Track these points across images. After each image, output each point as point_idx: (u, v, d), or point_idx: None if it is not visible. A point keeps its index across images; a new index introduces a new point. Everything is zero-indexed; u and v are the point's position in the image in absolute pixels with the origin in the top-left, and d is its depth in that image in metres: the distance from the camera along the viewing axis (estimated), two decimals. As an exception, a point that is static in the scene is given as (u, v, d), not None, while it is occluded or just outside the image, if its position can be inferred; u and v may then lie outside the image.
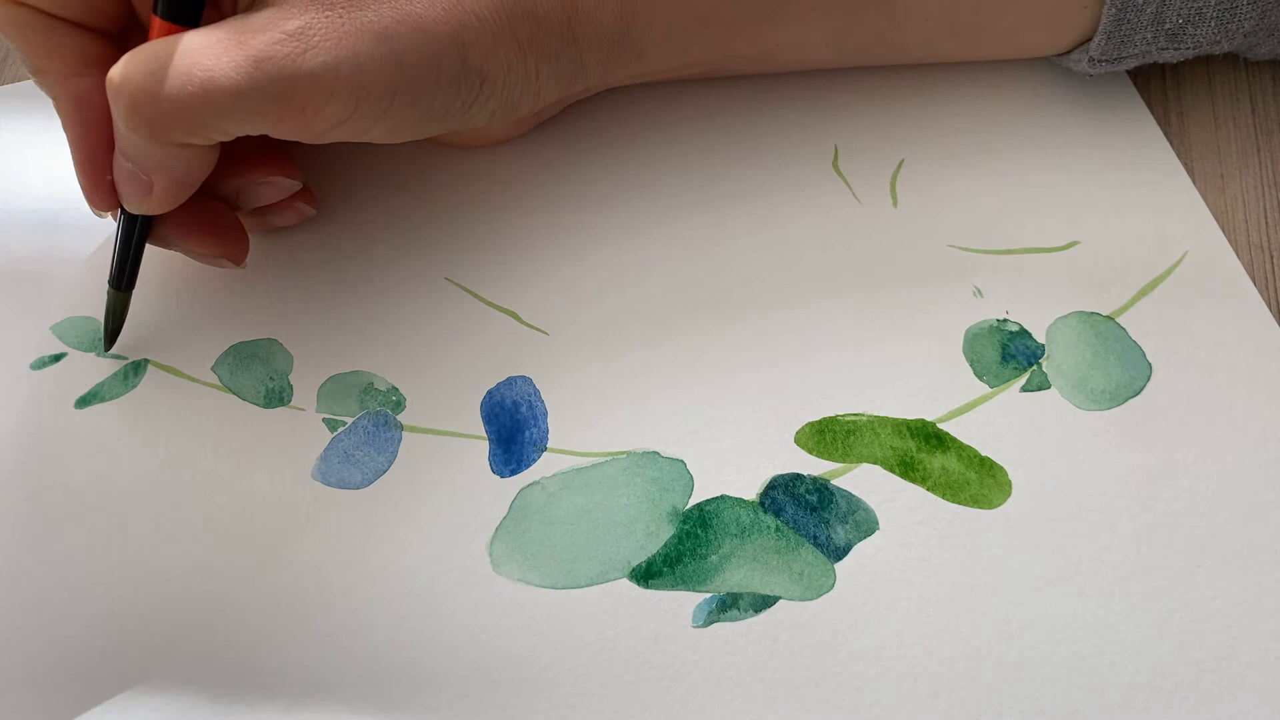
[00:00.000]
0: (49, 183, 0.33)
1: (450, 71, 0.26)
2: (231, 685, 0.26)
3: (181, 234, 0.28)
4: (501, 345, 0.30)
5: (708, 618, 0.26)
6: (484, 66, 0.27)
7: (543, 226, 0.32)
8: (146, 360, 0.30)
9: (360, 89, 0.25)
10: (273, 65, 0.24)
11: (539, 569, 0.27)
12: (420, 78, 0.26)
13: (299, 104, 0.25)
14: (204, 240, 0.29)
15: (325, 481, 0.28)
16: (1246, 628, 0.25)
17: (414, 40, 0.25)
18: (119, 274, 0.29)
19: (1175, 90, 0.33)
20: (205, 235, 0.29)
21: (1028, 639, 0.25)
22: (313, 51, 0.25)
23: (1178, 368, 0.28)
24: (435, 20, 0.26)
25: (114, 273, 0.29)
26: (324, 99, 0.25)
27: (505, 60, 0.27)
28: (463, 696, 0.25)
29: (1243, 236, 0.31)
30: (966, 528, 0.27)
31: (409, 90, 0.26)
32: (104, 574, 0.27)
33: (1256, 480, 0.27)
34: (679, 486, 0.27)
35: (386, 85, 0.26)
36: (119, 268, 0.29)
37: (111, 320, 0.30)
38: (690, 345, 0.29)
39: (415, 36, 0.25)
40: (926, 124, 0.33)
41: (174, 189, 0.27)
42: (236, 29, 0.25)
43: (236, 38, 0.24)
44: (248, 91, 0.24)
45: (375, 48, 0.25)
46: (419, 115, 0.27)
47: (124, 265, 0.29)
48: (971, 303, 0.30)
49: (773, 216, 0.31)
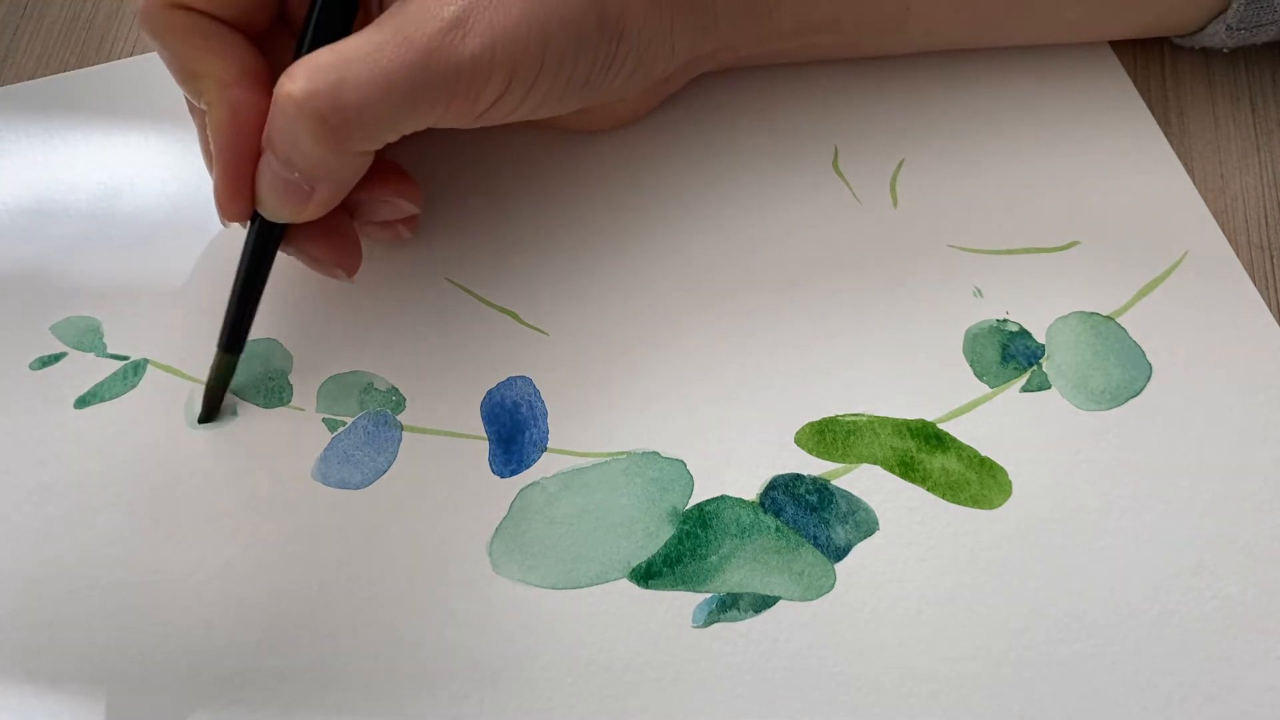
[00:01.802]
0: (49, 183, 0.33)
1: (589, 32, 0.26)
2: (231, 685, 0.26)
3: (314, 240, 0.28)
4: (501, 345, 0.30)
5: (708, 618, 0.26)
6: (620, 21, 0.27)
7: (542, 227, 0.32)
8: (146, 360, 0.30)
9: (512, 63, 0.25)
10: (441, 57, 0.25)
11: (539, 569, 0.27)
12: (563, 43, 0.26)
13: (464, 90, 0.25)
14: (329, 249, 0.28)
15: (325, 481, 0.28)
16: (1246, 628, 0.25)
17: (556, 7, 0.26)
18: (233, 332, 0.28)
19: (1175, 90, 0.33)
20: (332, 243, 0.28)
21: (1028, 639, 0.25)
22: (472, 35, 0.25)
23: (1178, 368, 0.28)
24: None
25: (227, 330, 0.28)
26: (485, 80, 0.25)
27: (641, 16, 0.27)
28: (463, 697, 0.25)
29: (1243, 236, 0.31)
30: (966, 528, 0.27)
31: (554, 58, 0.26)
32: (104, 574, 0.27)
33: (1256, 480, 0.27)
34: (679, 486, 0.27)
35: (535, 56, 0.26)
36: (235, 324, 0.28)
37: (214, 390, 0.29)
38: (690, 345, 0.29)
39: (557, 3, 0.26)
40: (926, 124, 0.33)
41: (334, 196, 0.27)
42: (399, 26, 0.25)
43: (403, 35, 0.24)
44: (422, 88, 0.25)
45: (524, 20, 0.25)
46: (563, 84, 0.27)
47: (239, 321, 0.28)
48: (971, 303, 0.30)
49: (773, 217, 0.31)
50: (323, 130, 0.24)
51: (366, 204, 0.29)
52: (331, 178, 0.26)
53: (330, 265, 0.29)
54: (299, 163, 0.25)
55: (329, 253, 0.28)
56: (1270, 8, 0.30)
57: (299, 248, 0.28)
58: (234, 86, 0.26)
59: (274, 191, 0.26)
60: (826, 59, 0.33)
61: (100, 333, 0.31)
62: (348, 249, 0.29)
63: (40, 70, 0.36)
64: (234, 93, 0.26)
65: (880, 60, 0.33)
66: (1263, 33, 0.31)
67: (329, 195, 0.26)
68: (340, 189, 0.27)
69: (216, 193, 0.27)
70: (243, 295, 0.28)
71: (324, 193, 0.26)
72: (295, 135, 0.25)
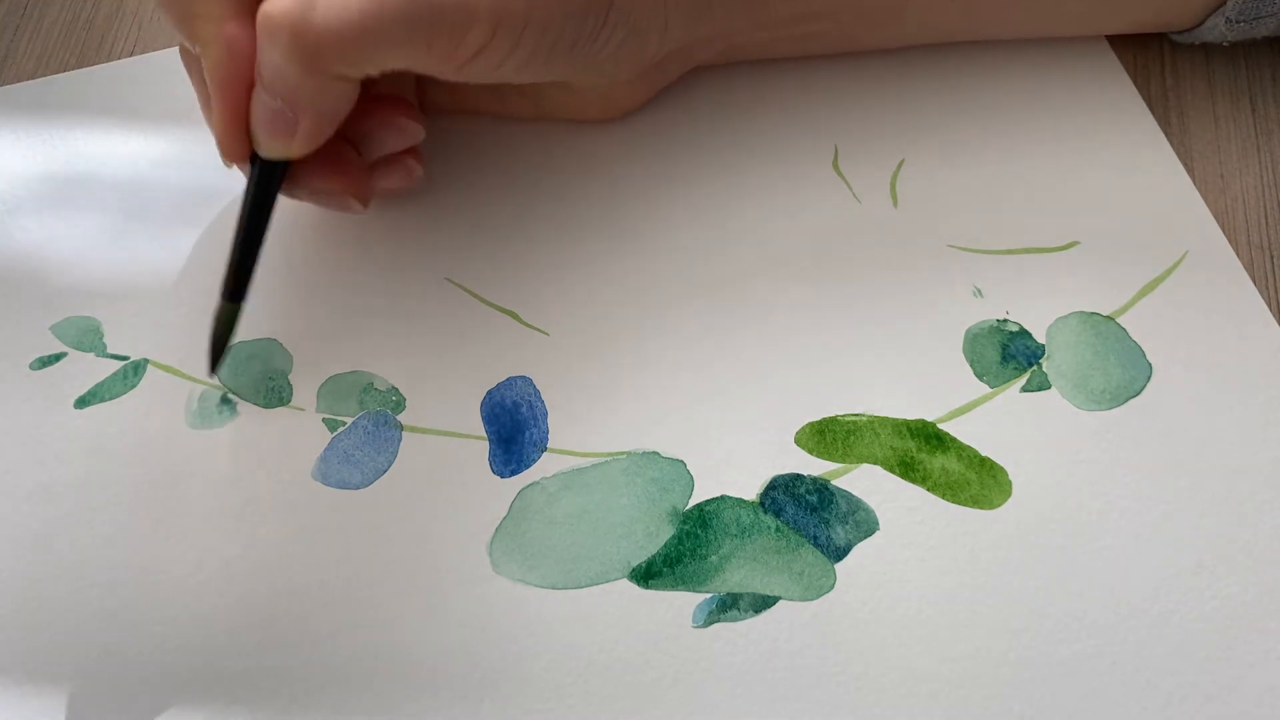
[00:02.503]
0: (50, 183, 0.33)
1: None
2: (232, 685, 0.26)
3: (317, 173, 0.28)
4: (501, 345, 0.30)
5: (708, 618, 0.26)
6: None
7: (543, 227, 0.32)
8: (146, 360, 0.30)
9: (497, 14, 0.25)
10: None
11: (539, 569, 0.27)
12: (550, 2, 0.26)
13: (445, 30, 0.25)
14: (336, 179, 0.28)
15: (325, 481, 0.28)
16: (1246, 628, 0.25)
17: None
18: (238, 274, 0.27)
19: (1175, 90, 0.33)
20: (337, 173, 0.28)
21: (1028, 639, 0.25)
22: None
23: (1178, 368, 0.28)
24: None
25: (231, 278, 0.28)
26: (466, 24, 0.25)
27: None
28: (462, 696, 0.25)
29: (1243, 236, 0.31)
30: (966, 528, 0.27)
31: (540, 16, 0.26)
32: (104, 574, 0.27)
33: (1256, 480, 0.27)
34: (679, 487, 0.27)
35: (520, 11, 0.26)
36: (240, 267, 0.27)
37: (219, 338, 0.28)
38: (690, 345, 0.29)
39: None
40: (926, 124, 0.33)
41: (319, 126, 0.26)
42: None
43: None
44: (401, 18, 0.25)
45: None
46: (550, 45, 0.27)
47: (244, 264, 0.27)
48: (971, 303, 0.30)
49: (773, 217, 0.31)
50: (295, 50, 0.24)
51: (370, 137, 0.29)
52: (312, 104, 0.26)
53: (340, 196, 0.28)
54: (280, 88, 0.25)
55: (336, 182, 0.28)
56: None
57: (305, 185, 0.28)
58: (230, 21, 0.26)
59: (261, 124, 0.26)
60: (824, 52, 0.33)
61: (100, 333, 0.31)
62: (356, 177, 0.29)
63: (40, 70, 0.36)
64: (230, 28, 0.26)
65: (880, 59, 0.33)
66: (1262, 25, 0.31)
67: (314, 125, 0.26)
68: (325, 119, 0.26)
69: (216, 133, 0.27)
70: (246, 241, 0.27)
71: (309, 122, 0.26)
72: (272, 57, 0.25)
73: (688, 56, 0.32)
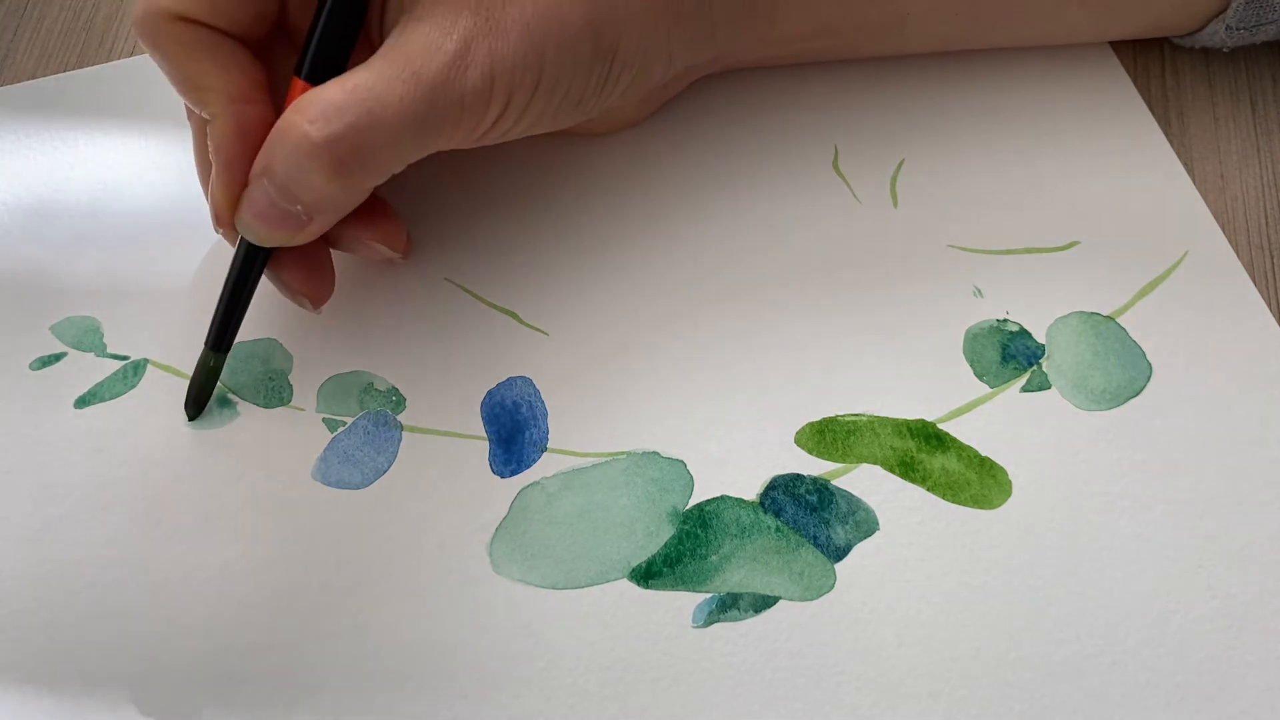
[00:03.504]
0: (49, 183, 0.33)
1: (584, 55, 0.26)
2: (232, 685, 0.26)
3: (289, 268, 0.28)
4: (501, 345, 0.30)
5: (708, 618, 0.26)
6: (615, 42, 0.27)
7: (543, 227, 0.32)
8: (146, 360, 0.30)
9: (510, 88, 0.26)
10: (447, 90, 0.25)
11: (539, 569, 0.27)
12: (558, 66, 0.26)
13: (465, 119, 0.25)
14: (305, 279, 0.28)
15: (325, 481, 0.28)
16: (1246, 628, 0.25)
17: (552, 31, 0.26)
18: (221, 332, 0.28)
19: (1175, 90, 0.33)
20: (308, 273, 0.28)
21: (1028, 639, 0.25)
22: (473, 65, 0.25)
23: (1178, 368, 0.28)
24: (571, 6, 0.26)
25: (215, 330, 0.28)
26: (485, 107, 0.26)
27: (636, 31, 0.27)
28: (462, 696, 0.25)
29: (1243, 236, 0.31)
30: (966, 528, 0.27)
31: (549, 80, 0.26)
32: (104, 574, 0.27)
33: (1256, 480, 0.27)
34: (679, 487, 0.27)
35: (531, 80, 0.26)
36: (223, 324, 0.28)
37: (200, 386, 0.29)
38: (690, 345, 0.29)
39: (554, 27, 0.26)
40: (926, 124, 0.33)
41: (327, 226, 0.27)
42: (403, 60, 0.25)
43: (410, 70, 0.25)
44: (429, 120, 0.25)
45: (520, 46, 0.25)
46: (558, 103, 0.27)
47: (228, 322, 0.28)
48: (971, 303, 0.30)
49: (773, 217, 0.31)
50: (338, 170, 0.24)
51: (347, 239, 0.28)
52: (335, 211, 0.26)
53: (299, 295, 0.28)
54: (304, 197, 0.25)
55: (303, 282, 0.28)
56: (1270, 7, 0.30)
57: (275, 273, 0.28)
58: (240, 101, 0.26)
59: (265, 220, 0.26)
60: (825, 61, 0.33)
61: (100, 333, 0.31)
62: (322, 280, 0.29)
63: (40, 70, 0.36)
64: (239, 107, 0.26)
65: (880, 60, 0.33)
66: (1262, 32, 0.31)
67: (325, 225, 0.27)
68: (336, 219, 0.27)
69: (215, 205, 0.27)
70: (233, 295, 0.28)
71: (321, 222, 0.26)
72: (307, 173, 0.25)
73: (692, 73, 0.32)
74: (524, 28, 0.25)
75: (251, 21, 0.27)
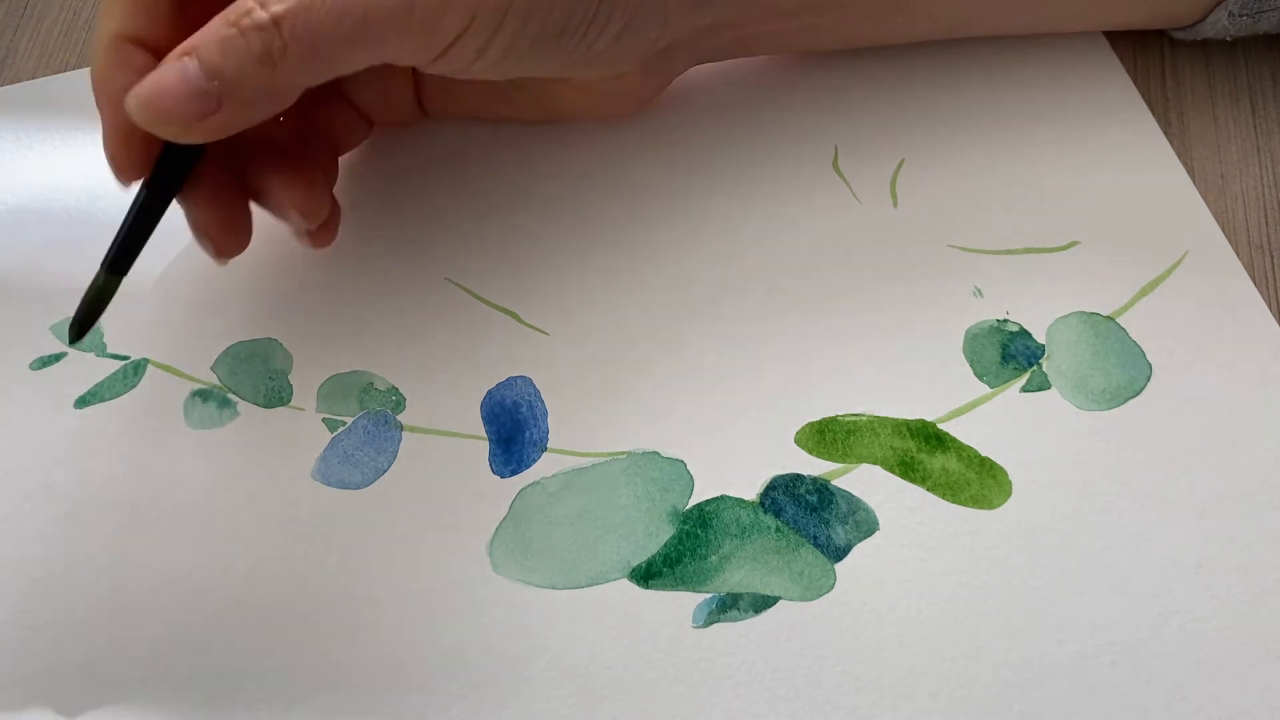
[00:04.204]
0: (50, 183, 0.33)
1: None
2: (232, 685, 0.26)
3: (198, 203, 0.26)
4: (501, 345, 0.30)
5: (708, 618, 0.26)
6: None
7: (543, 226, 0.32)
8: (146, 360, 0.30)
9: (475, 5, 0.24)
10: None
11: (539, 569, 0.27)
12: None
13: (419, 18, 0.24)
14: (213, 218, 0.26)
15: (325, 481, 0.28)
16: (1246, 628, 0.25)
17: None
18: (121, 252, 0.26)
19: (1175, 90, 0.33)
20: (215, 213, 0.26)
21: (1028, 639, 0.25)
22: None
23: (1178, 368, 0.28)
24: None
25: (114, 249, 0.26)
26: (441, 9, 0.24)
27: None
28: (463, 697, 0.25)
29: (1243, 236, 0.31)
30: (966, 528, 0.27)
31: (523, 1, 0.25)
32: (104, 574, 0.27)
33: (1256, 480, 0.27)
34: (679, 486, 0.27)
35: None
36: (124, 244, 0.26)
37: (89, 306, 0.26)
38: (690, 345, 0.29)
39: None
40: (926, 124, 0.33)
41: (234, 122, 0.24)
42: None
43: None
44: (374, 25, 0.24)
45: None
46: (534, 33, 0.26)
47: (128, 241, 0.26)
48: (971, 303, 0.30)
49: (773, 217, 0.31)
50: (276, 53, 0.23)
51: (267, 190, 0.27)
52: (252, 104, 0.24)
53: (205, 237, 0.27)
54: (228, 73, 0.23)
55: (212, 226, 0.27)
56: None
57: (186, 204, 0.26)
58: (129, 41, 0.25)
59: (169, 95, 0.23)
60: (830, 47, 0.33)
61: (100, 333, 0.31)
62: (233, 228, 0.27)
63: (40, 70, 0.36)
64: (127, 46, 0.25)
65: (880, 59, 0.33)
66: (1265, 20, 0.30)
67: (231, 122, 0.24)
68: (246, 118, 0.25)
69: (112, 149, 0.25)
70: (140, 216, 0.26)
71: (228, 114, 0.24)
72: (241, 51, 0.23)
73: (695, 48, 0.31)
74: None
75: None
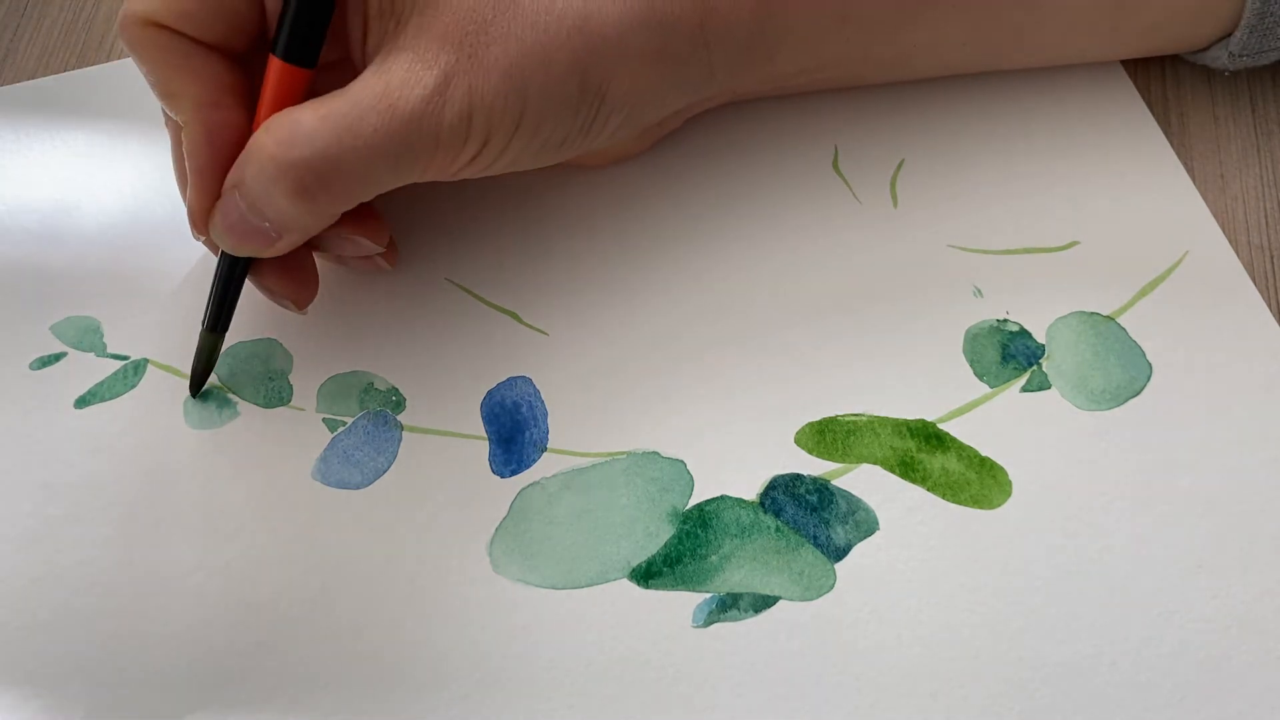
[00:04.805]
0: (50, 183, 0.33)
1: (569, 98, 0.26)
2: (231, 685, 0.26)
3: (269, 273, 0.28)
4: (501, 345, 0.30)
5: (708, 618, 0.26)
6: (603, 85, 0.27)
7: (543, 227, 0.32)
8: (146, 360, 0.30)
9: (489, 128, 0.26)
10: (423, 125, 0.25)
11: (539, 569, 0.27)
12: (541, 108, 0.26)
13: (440, 153, 0.25)
14: (284, 282, 0.28)
15: (325, 481, 0.28)
16: (1246, 628, 0.25)
17: (535, 72, 0.25)
18: (216, 317, 0.28)
19: (1175, 90, 0.33)
20: (285, 278, 0.28)
21: (1028, 639, 0.25)
22: (451, 102, 0.25)
23: (1178, 368, 0.28)
24: (558, 49, 0.26)
25: (210, 315, 0.28)
26: (461, 144, 0.25)
27: (627, 76, 0.27)
28: (463, 697, 0.25)
29: (1243, 236, 0.31)
30: (966, 528, 0.27)
31: (531, 121, 0.26)
32: (104, 574, 0.27)
33: (1256, 480, 0.27)
34: (679, 486, 0.27)
35: (511, 122, 0.26)
36: (216, 310, 0.28)
37: (202, 364, 0.29)
38: (690, 345, 0.29)
39: (538, 68, 0.25)
40: (926, 124, 0.33)
41: (297, 243, 0.27)
42: (382, 90, 0.25)
43: (387, 101, 0.24)
44: (404, 154, 0.25)
45: (502, 85, 0.25)
46: (539, 145, 0.27)
47: (221, 308, 0.28)
48: (971, 303, 0.30)
49: (773, 217, 0.31)
50: (301, 194, 0.24)
51: (332, 239, 0.28)
52: (302, 231, 0.26)
53: (281, 297, 0.28)
54: (270, 215, 0.25)
55: (284, 286, 0.28)
56: (1274, 35, 0.30)
57: (256, 278, 0.28)
58: (210, 108, 0.26)
59: (236, 233, 0.26)
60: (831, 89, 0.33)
61: (100, 333, 0.31)
62: (304, 282, 0.29)
63: (40, 70, 0.36)
64: (210, 114, 0.26)
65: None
66: (1264, 58, 0.31)
67: (294, 242, 0.26)
68: (305, 238, 0.27)
69: (191, 212, 0.27)
70: (224, 288, 0.28)
71: (289, 240, 0.26)
72: (271, 194, 0.25)
73: (691, 109, 0.31)
74: (507, 67, 0.25)
75: (228, 32, 0.26)
